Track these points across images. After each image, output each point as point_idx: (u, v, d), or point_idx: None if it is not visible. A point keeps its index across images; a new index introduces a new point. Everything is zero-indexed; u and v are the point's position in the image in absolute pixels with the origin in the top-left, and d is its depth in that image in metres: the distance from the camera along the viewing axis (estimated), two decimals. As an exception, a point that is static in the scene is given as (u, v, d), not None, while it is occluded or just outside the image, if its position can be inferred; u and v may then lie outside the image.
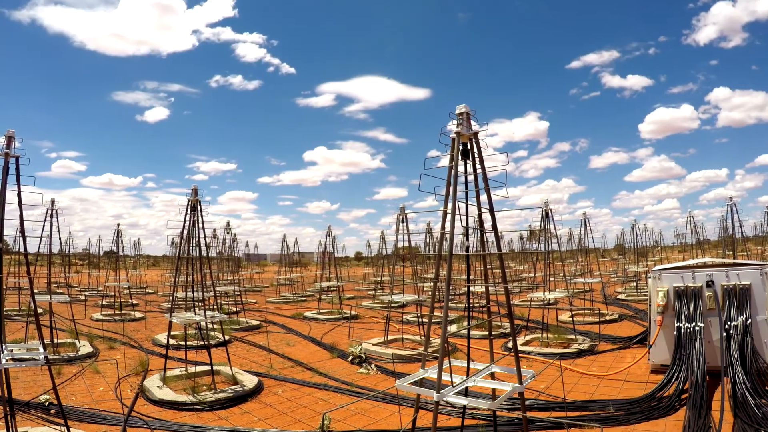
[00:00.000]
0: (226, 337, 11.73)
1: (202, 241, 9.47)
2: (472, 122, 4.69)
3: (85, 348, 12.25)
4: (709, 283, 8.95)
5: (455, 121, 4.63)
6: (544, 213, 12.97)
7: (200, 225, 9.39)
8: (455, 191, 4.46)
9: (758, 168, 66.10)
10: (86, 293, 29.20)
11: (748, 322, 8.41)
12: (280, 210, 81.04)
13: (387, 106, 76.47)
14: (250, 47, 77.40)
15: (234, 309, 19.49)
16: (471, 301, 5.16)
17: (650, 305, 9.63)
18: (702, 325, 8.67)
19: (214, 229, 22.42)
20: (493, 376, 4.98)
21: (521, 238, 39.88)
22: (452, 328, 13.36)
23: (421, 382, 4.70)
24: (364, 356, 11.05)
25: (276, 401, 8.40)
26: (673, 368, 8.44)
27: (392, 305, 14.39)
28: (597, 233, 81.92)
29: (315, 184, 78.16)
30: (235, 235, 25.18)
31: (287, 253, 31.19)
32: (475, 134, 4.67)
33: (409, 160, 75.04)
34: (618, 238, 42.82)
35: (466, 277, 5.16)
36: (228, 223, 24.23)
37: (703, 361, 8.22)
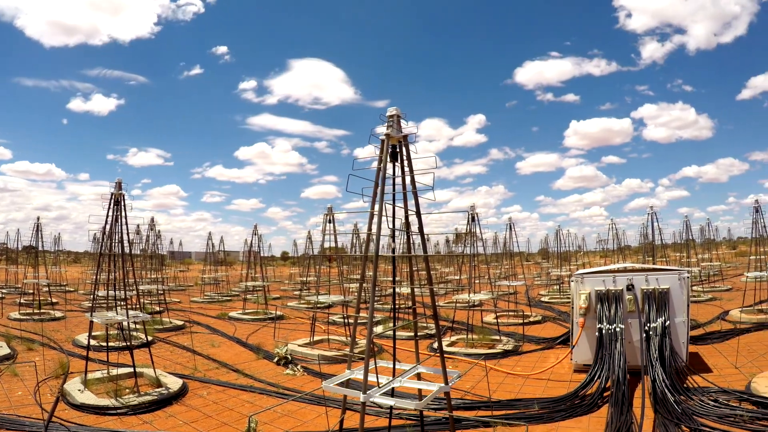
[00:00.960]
0: (150, 338, 11.35)
1: (125, 237, 9.10)
2: (403, 124, 4.77)
3: (2, 349, 11.50)
4: (630, 287, 9.34)
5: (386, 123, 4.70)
6: (470, 217, 13.26)
7: (123, 220, 9.02)
8: (383, 193, 4.52)
9: (680, 180, 70.42)
10: (3, 290, 27.39)
11: (667, 323, 8.90)
12: (210, 207, 78.52)
13: (336, 108, 75.40)
14: (206, 41, 74.44)
15: (157, 308, 18.89)
16: (397, 302, 5.23)
17: (573, 307, 9.94)
18: (623, 326, 9.05)
19: (138, 225, 21.59)
20: (419, 376, 5.04)
21: (447, 241, 40.70)
22: (378, 329, 13.46)
23: (348, 383, 4.70)
24: (290, 357, 10.95)
25: (201, 404, 8.20)
26: (596, 367, 8.75)
27: (318, 306, 14.33)
28: (522, 237, 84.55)
29: (249, 181, 76.17)
30: (159, 231, 24.34)
31: (212, 252, 30.39)
32: (405, 137, 4.74)
33: (350, 163, 74.29)
34: (542, 242, 44.66)
35: (391, 279, 5.23)
36: (152, 219, 23.34)
37: (624, 361, 8.57)
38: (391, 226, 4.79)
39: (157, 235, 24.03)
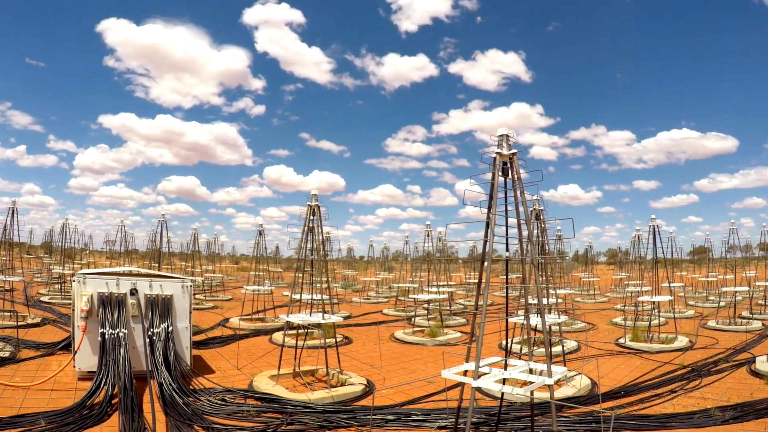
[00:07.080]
0: None
1: None
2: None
3: None
4: (134, 292, 9.45)
5: None
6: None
7: None
8: None
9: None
10: None
11: (170, 329, 9.50)
12: None
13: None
14: None
15: None
16: None
17: (74, 310, 9.41)
18: (126, 331, 9.07)
19: None
20: None
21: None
22: None
23: None
24: None
25: None
26: (101, 374, 8.43)
27: None
28: (28, 226, 72.78)
29: None
30: None
31: None
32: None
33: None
34: (46, 235, 40.24)
35: None
36: None
37: (130, 366, 8.54)
38: None
39: None
